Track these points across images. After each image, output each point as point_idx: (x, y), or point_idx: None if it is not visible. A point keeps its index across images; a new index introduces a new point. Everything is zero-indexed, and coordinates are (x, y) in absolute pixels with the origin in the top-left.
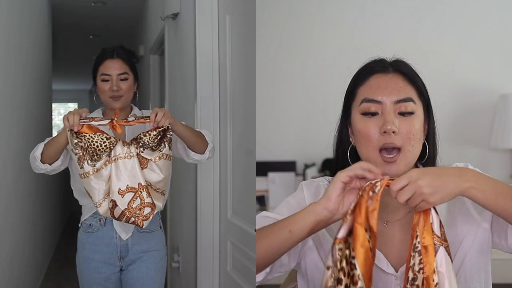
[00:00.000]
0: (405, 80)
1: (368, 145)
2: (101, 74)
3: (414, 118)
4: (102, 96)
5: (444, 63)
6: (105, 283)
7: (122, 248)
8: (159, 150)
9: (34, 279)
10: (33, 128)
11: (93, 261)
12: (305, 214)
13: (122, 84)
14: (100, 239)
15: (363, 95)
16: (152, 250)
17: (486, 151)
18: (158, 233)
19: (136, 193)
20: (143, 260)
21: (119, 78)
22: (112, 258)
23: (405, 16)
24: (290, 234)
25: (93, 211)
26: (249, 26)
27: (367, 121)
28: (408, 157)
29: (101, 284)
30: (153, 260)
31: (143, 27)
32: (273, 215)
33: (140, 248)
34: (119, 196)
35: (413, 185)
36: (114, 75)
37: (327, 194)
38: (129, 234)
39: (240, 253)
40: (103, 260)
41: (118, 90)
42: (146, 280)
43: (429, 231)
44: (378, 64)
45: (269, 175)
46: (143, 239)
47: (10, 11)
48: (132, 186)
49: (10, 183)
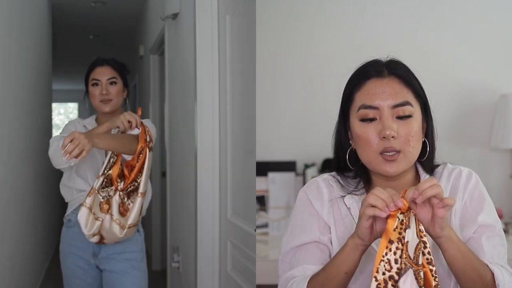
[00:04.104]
0: (401, 83)
1: (368, 149)
2: (92, 79)
3: (412, 121)
4: (92, 101)
5: (444, 63)
6: (84, 277)
7: (95, 246)
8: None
9: (34, 279)
10: (33, 128)
11: (71, 255)
12: (350, 252)
13: (111, 88)
14: (76, 234)
15: (360, 101)
16: (126, 252)
17: (486, 151)
18: (135, 236)
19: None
20: (118, 261)
21: (108, 82)
22: (86, 254)
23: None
24: (347, 275)
25: (74, 207)
26: (249, 26)
27: (366, 126)
28: (408, 157)
29: (80, 278)
30: (128, 262)
31: (143, 27)
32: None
33: (113, 249)
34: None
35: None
36: (104, 79)
37: (360, 232)
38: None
39: (240, 253)
40: (80, 255)
41: (108, 93)
42: (124, 282)
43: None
44: (373, 68)
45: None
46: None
47: (10, 11)
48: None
49: (10, 183)
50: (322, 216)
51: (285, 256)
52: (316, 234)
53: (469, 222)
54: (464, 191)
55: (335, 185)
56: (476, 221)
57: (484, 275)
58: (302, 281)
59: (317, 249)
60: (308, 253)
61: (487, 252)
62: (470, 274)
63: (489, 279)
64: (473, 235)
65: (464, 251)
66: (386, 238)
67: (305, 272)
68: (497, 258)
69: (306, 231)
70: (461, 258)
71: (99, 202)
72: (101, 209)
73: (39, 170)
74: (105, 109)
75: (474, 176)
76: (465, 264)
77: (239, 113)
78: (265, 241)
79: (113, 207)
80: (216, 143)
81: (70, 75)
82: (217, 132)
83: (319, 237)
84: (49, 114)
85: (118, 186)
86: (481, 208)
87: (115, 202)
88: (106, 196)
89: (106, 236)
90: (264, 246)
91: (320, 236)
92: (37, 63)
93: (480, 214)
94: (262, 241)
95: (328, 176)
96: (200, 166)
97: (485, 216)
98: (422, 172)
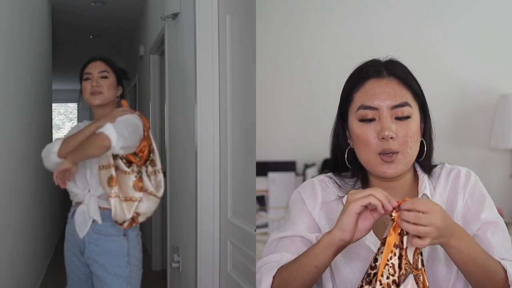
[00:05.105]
0: (400, 84)
1: (366, 149)
2: (84, 74)
3: (411, 122)
4: (84, 95)
5: (444, 63)
6: (77, 272)
7: (81, 244)
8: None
9: (34, 279)
10: (33, 128)
11: (67, 250)
12: (325, 247)
13: (102, 81)
14: (71, 230)
15: (359, 101)
16: (107, 255)
17: (486, 151)
18: (119, 240)
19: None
20: (99, 264)
21: (99, 76)
22: (76, 250)
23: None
24: (317, 269)
25: (72, 205)
26: (249, 26)
27: (365, 127)
28: (406, 158)
29: (74, 273)
30: (106, 267)
31: (143, 27)
32: (287, 234)
33: (97, 249)
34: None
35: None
36: (95, 73)
37: (342, 225)
38: (84, 233)
39: (240, 253)
40: (73, 251)
41: (98, 86)
42: (106, 284)
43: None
44: (372, 68)
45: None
46: (100, 241)
47: (11, 11)
48: None
49: (10, 183)
50: (313, 215)
51: (269, 245)
52: (303, 230)
53: (472, 221)
54: (464, 191)
55: (332, 186)
56: (479, 219)
57: (496, 274)
58: (273, 268)
59: (301, 242)
60: (291, 243)
61: (495, 247)
62: (482, 277)
63: (501, 277)
64: (477, 233)
65: (474, 257)
66: (392, 242)
67: (281, 259)
68: (505, 252)
69: (294, 226)
70: (472, 265)
71: (132, 182)
72: (136, 188)
73: (39, 170)
74: (94, 102)
75: (473, 175)
76: (477, 269)
77: (239, 113)
78: (265, 241)
79: (145, 181)
80: (216, 143)
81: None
82: (217, 132)
83: (305, 234)
84: (49, 114)
85: (138, 162)
86: (483, 206)
87: (145, 176)
88: (136, 174)
89: (143, 212)
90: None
91: (306, 232)
92: (37, 63)
93: (483, 212)
94: (262, 241)
95: (324, 177)
96: (200, 166)
97: (488, 214)
98: (421, 172)
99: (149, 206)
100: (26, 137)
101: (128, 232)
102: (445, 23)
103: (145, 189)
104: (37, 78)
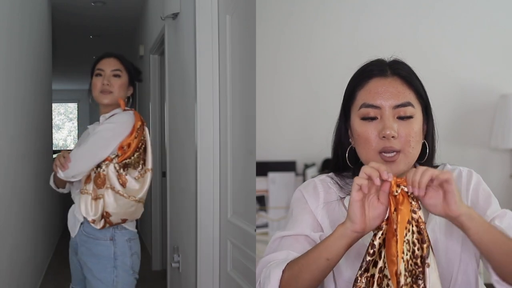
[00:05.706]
0: (403, 84)
1: (367, 148)
2: (96, 69)
3: (413, 122)
4: (93, 92)
5: (444, 63)
6: (76, 270)
7: (75, 244)
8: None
9: (34, 279)
10: (33, 128)
11: (70, 247)
12: (337, 239)
13: (113, 80)
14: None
15: (362, 99)
16: (96, 258)
17: (486, 151)
18: (105, 243)
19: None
20: (87, 267)
21: (112, 74)
22: (73, 249)
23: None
24: (328, 262)
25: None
26: (249, 26)
27: (367, 125)
28: (408, 158)
29: (74, 270)
30: (95, 270)
31: (143, 27)
32: (291, 233)
33: (86, 251)
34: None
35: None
36: (108, 70)
37: (351, 216)
38: (75, 233)
39: (240, 253)
40: (72, 249)
41: (109, 85)
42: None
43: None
44: (376, 67)
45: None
46: (88, 243)
47: (11, 11)
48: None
49: (10, 183)
50: (316, 215)
51: (272, 243)
52: (307, 229)
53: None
54: (466, 192)
55: (334, 186)
56: (486, 215)
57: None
58: (281, 263)
59: (305, 241)
60: (295, 242)
61: (507, 230)
62: (499, 249)
63: None
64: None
65: (487, 226)
66: (405, 218)
67: (288, 256)
68: None
69: (298, 225)
70: (486, 234)
71: (94, 177)
72: (97, 185)
73: (39, 170)
74: (103, 101)
75: (475, 174)
76: (492, 239)
77: (239, 113)
78: (265, 241)
79: (112, 178)
80: (216, 143)
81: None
82: (217, 132)
83: (309, 233)
84: (49, 114)
85: (113, 160)
86: (489, 203)
87: (111, 173)
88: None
89: (113, 212)
90: (264, 246)
91: (311, 232)
92: (37, 63)
93: (489, 208)
94: (262, 241)
95: (326, 177)
96: (200, 166)
97: (494, 208)
98: None
99: (118, 206)
100: (26, 137)
101: (116, 236)
102: (445, 23)
103: (107, 186)
104: (37, 78)
